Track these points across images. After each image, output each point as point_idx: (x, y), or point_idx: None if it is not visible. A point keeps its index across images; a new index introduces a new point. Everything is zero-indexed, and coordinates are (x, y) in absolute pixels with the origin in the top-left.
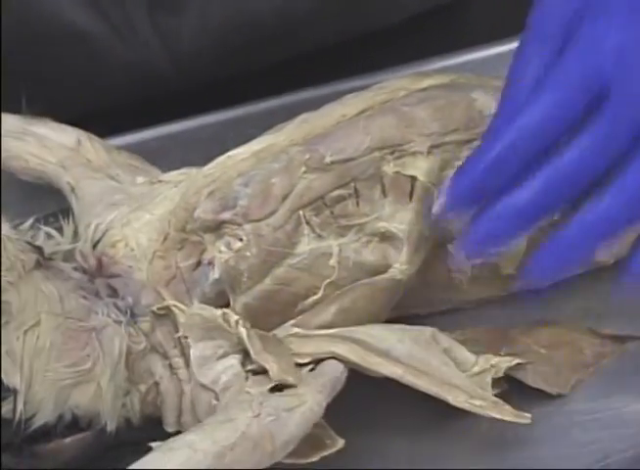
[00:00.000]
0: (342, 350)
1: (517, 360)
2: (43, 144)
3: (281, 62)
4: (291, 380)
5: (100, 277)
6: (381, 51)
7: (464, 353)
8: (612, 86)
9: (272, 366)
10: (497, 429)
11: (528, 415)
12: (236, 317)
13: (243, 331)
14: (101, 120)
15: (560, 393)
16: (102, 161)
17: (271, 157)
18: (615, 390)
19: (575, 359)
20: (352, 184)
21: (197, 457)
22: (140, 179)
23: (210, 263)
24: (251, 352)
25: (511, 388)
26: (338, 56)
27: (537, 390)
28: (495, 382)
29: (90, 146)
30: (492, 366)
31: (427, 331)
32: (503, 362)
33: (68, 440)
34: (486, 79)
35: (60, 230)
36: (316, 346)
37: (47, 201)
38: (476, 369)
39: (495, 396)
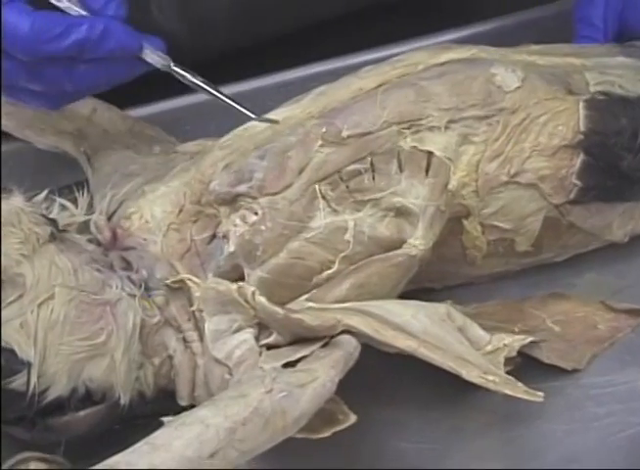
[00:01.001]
0: (355, 322)
1: (530, 339)
2: (60, 113)
3: (296, 33)
4: (331, 321)
5: (114, 250)
6: (397, 22)
7: (477, 332)
8: None
9: (305, 317)
10: (510, 402)
11: (541, 393)
12: (252, 288)
13: (262, 300)
14: (119, 91)
15: (575, 368)
16: (118, 130)
17: (288, 129)
18: (629, 363)
19: (590, 335)
20: (369, 158)
21: (209, 432)
22: (157, 149)
23: (225, 237)
24: (278, 315)
25: (525, 361)
26: (354, 27)
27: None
28: (509, 358)
29: (107, 115)
30: (505, 345)
31: (441, 308)
32: (516, 341)
33: (81, 413)
34: (507, 53)
35: (74, 202)
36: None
37: (61, 173)
38: (489, 348)
39: (510, 370)
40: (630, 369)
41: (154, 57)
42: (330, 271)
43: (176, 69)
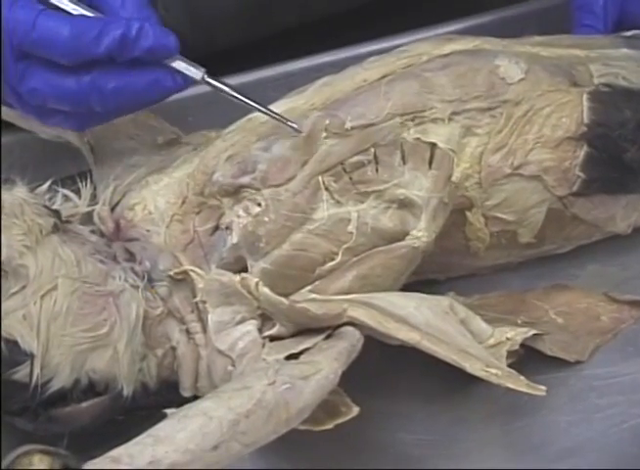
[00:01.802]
0: (358, 313)
1: (532, 332)
2: None
3: (300, 25)
4: (337, 309)
5: (117, 241)
6: (400, 14)
7: (480, 325)
8: None
9: (310, 306)
10: (513, 394)
11: (543, 387)
12: (256, 279)
13: (266, 290)
14: None
15: (578, 360)
16: (122, 121)
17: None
18: (632, 354)
19: (593, 326)
20: (372, 150)
21: (212, 424)
22: (160, 140)
23: (228, 228)
24: (282, 304)
25: (528, 353)
26: (357, 19)
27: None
28: (511, 350)
29: None
30: (508, 339)
31: (444, 301)
32: (519, 335)
33: (84, 404)
34: (511, 44)
35: (77, 193)
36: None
37: (64, 164)
38: (491, 341)
39: (513, 361)
40: (633, 361)
41: (187, 67)
42: (333, 263)
43: (209, 79)
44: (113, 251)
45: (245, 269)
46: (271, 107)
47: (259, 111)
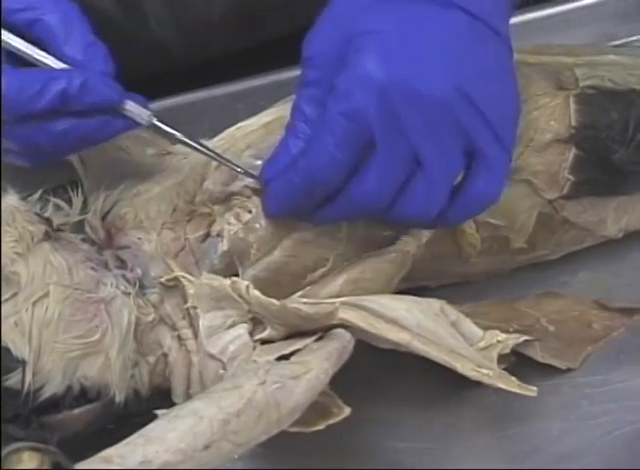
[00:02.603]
0: (349, 315)
1: (524, 337)
2: None
3: (290, 34)
4: (328, 308)
5: (109, 249)
6: None
7: (471, 328)
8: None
9: (303, 306)
10: (505, 401)
11: (534, 388)
12: (246, 283)
13: (257, 293)
14: None
15: (570, 367)
16: None
17: (281, 129)
18: (624, 362)
19: (585, 334)
20: None
21: (202, 424)
22: (150, 151)
23: (219, 235)
24: (273, 306)
25: (520, 360)
26: None
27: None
28: (503, 357)
29: None
30: (499, 342)
31: (435, 303)
32: (510, 339)
33: (76, 411)
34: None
35: (69, 202)
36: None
37: (56, 173)
38: (482, 344)
39: (504, 368)
40: (625, 368)
41: (135, 111)
42: (324, 269)
43: (158, 123)
44: (104, 258)
45: (236, 276)
46: (261, 115)
47: (212, 158)
